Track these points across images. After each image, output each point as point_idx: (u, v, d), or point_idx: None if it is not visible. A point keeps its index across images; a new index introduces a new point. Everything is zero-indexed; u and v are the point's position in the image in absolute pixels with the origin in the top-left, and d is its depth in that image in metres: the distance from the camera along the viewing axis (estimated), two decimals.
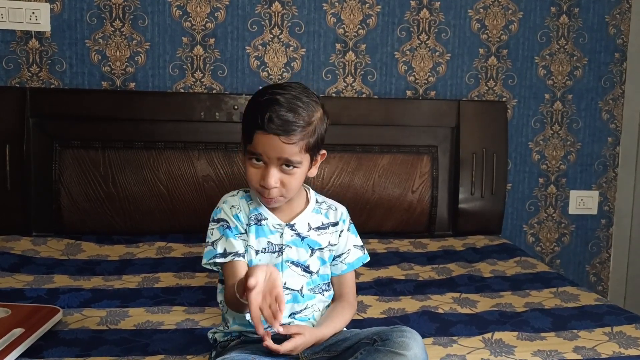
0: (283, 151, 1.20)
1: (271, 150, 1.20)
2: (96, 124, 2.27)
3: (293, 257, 1.30)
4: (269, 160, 1.21)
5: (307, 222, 1.33)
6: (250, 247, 1.28)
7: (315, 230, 1.33)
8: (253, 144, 1.21)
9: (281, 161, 1.21)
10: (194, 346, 1.41)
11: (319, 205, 1.36)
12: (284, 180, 1.23)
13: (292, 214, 1.32)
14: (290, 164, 1.22)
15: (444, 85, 2.53)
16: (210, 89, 2.39)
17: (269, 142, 1.19)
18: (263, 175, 1.22)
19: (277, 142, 1.19)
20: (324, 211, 1.36)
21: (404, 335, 1.17)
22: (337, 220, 1.37)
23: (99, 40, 2.32)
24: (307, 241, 1.32)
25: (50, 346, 1.37)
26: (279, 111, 1.19)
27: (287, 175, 1.23)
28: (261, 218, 1.29)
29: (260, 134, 1.19)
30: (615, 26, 2.59)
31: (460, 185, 2.46)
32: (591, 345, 1.46)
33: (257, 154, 1.21)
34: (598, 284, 2.73)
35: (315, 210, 1.35)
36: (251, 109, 1.23)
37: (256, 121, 1.19)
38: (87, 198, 2.23)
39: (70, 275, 1.86)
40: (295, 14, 2.41)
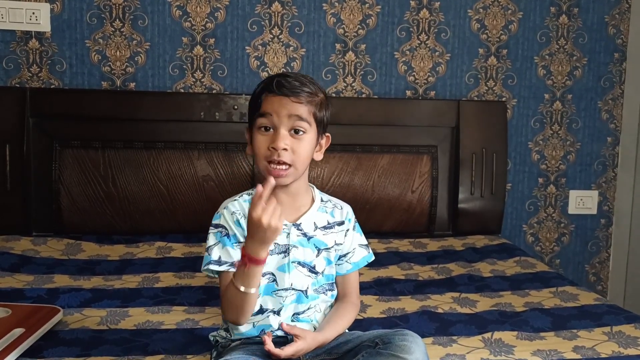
0: (293, 108, 1.23)
1: (281, 107, 1.23)
2: (96, 124, 2.28)
3: (299, 258, 1.29)
4: (279, 120, 1.23)
5: (313, 222, 1.32)
6: None
7: (322, 229, 1.33)
8: (262, 107, 1.24)
9: (291, 121, 1.23)
10: (194, 346, 1.41)
11: (325, 204, 1.36)
12: (293, 146, 1.24)
13: (298, 214, 1.31)
14: (299, 128, 1.24)
15: (444, 85, 2.53)
16: (210, 89, 2.40)
17: (279, 101, 1.23)
18: (273, 139, 1.23)
19: (287, 101, 1.23)
20: (330, 210, 1.36)
21: (406, 339, 1.17)
22: (343, 219, 1.36)
23: (99, 41, 2.32)
24: (313, 241, 1.31)
25: (50, 346, 1.37)
26: (287, 78, 1.26)
27: (296, 141, 1.24)
28: None
29: (269, 96, 1.24)
30: (615, 26, 2.60)
31: (460, 185, 2.46)
32: (591, 344, 1.46)
33: (267, 113, 1.23)
34: (597, 284, 2.73)
35: (320, 209, 1.34)
36: (259, 85, 1.29)
37: (265, 87, 1.25)
38: (87, 198, 2.24)
39: (71, 275, 1.86)
40: (295, 14, 2.41)
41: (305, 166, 1.28)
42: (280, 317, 1.28)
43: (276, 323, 1.28)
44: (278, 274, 1.28)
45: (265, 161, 1.24)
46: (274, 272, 1.28)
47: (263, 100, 1.25)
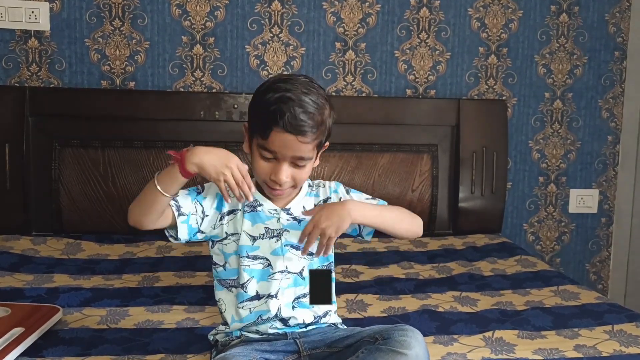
0: (298, 150, 1.22)
1: (287, 148, 1.21)
2: (96, 123, 2.27)
3: (292, 241, 1.30)
4: (282, 157, 1.22)
5: (302, 205, 1.33)
6: (246, 234, 1.28)
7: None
8: (268, 141, 1.21)
9: (293, 158, 1.23)
10: (194, 345, 1.40)
11: (312, 188, 1.37)
12: (295, 175, 1.25)
13: (288, 199, 1.32)
14: (301, 164, 1.24)
15: (444, 84, 2.52)
16: (210, 88, 2.39)
17: (285, 141, 1.20)
18: (274, 171, 1.23)
19: (294, 141, 1.20)
20: (315, 191, 1.37)
21: (405, 334, 1.16)
22: (328, 195, 1.36)
23: (98, 40, 2.32)
24: (304, 224, 1.29)
25: (50, 345, 1.37)
26: (295, 111, 1.20)
27: (298, 170, 1.25)
28: (256, 205, 1.30)
29: (277, 132, 1.20)
30: (615, 24, 2.59)
31: (461, 184, 2.46)
32: (592, 343, 1.46)
33: (272, 151, 1.22)
34: (598, 283, 2.73)
35: (308, 193, 1.36)
36: (265, 104, 1.22)
37: (273, 119, 1.20)
38: (86, 197, 2.23)
39: (70, 275, 1.85)
40: (295, 12, 2.40)
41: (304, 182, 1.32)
42: (279, 300, 1.28)
43: (275, 307, 1.28)
44: (272, 257, 1.29)
45: (263, 182, 1.26)
46: (267, 257, 1.29)
47: (270, 134, 1.20)
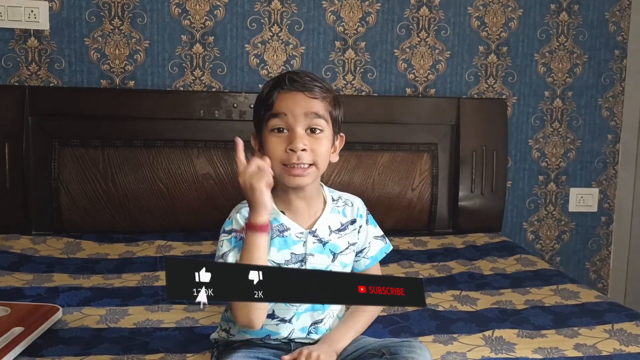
0: (308, 105, 1.17)
1: (296, 105, 1.16)
2: (95, 122, 2.27)
3: (316, 265, 1.23)
4: (295, 119, 1.17)
5: (328, 225, 1.26)
6: (272, 262, 1.20)
7: (336, 232, 1.27)
8: (275, 106, 1.17)
9: (308, 119, 1.17)
10: (193, 345, 1.40)
11: (336, 204, 1.30)
12: (312, 145, 1.17)
13: (312, 218, 1.25)
14: (317, 127, 1.18)
15: (444, 83, 2.52)
16: (209, 87, 2.39)
17: (293, 99, 1.17)
18: (289, 140, 1.17)
19: (302, 96, 1.17)
20: (341, 209, 1.30)
21: (413, 351, 1.15)
22: (355, 217, 1.31)
23: (98, 39, 2.32)
24: (328, 246, 1.25)
25: (49, 345, 1.37)
26: (297, 74, 1.20)
27: (314, 140, 1.18)
28: (283, 229, 1.21)
29: (282, 93, 1.17)
30: (615, 23, 2.59)
31: (460, 182, 2.46)
32: (592, 342, 1.46)
33: (281, 113, 1.17)
34: (598, 282, 2.73)
35: (333, 210, 1.28)
36: (267, 85, 1.22)
37: (276, 84, 1.18)
38: (86, 196, 2.23)
39: (70, 274, 1.85)
40: (295, 11, 2.40)
41: (326, 165, 1.22)
42: (292, 325, 1.24)
43: (287, 331, 1.24)
44: None
45: (281, 164, 1.18)
46: None
47: (275, 99, 1.17)
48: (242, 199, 1.26)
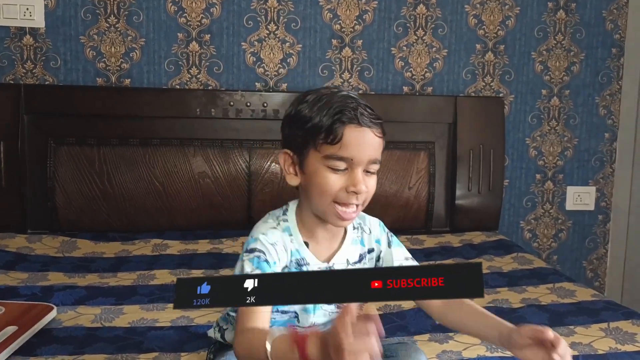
0: (374, 147, 1.07)
1: (364, 146, 1.05)
2: (91, 120, 2.26)
3: None
4: (358, 162, 1.06)
5: (346, 258, 1.17)
6: None
7: (353, 265, 1.18)
8: (342, 144, 1.04)
9: (369, 162, 1.07)
10: (188, 344, 1.40)
11: (356, 233, 1.20)
12: (367, 184, 1.08)
13: (331, 250, 1.15)
14: (375, 164, 1.09)
15: (441, 81, 2.52)
16: (206, 85, 2.38)
17: (362, 137, 1.05)
18: (351, 181, 1.06)
19: (370, 136, 1.06)
20: (360, 238, 1.21)
21: (408, 354, 1.14)
22: (372, 246, 1.22)
23: (93, 37, 2.31)
24: None
25: (43, 344, 1.36)
26: (360, 102, 1.08)
27: (368, 179, 1.09)
28: (303, 263, 1.12)
29: (351, 128, 1.04)
30: (613, 21, 2.59)
31: (458, 181, 2.45)
32: (587, 341, 1.45)
33: (345, 157, 1.05)
34: (595, 280, 2.73)
35: (353, 240, 1.19)
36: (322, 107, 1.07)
37: (344, 115, 1.05)
38: (82, 195, 2.22)
39: (65, 273, 1.85)
40: (291, 9, 2.39)
41: None
42: None
43: None
44: (302, 313, 1.15)
45: (333, 202, 1.07)
46: (297, 311, 1.14)
47: (341, 134, 1.04)
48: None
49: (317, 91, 1.12)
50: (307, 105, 1.09)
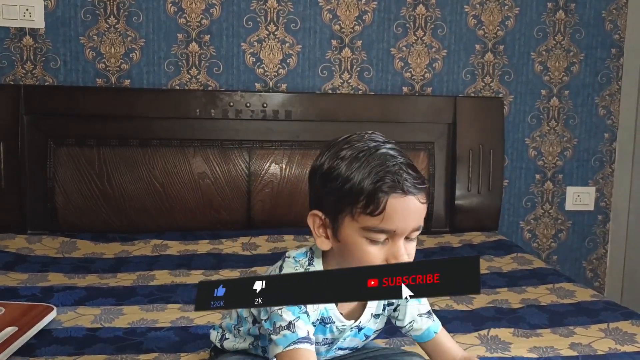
0: (419, 216, 0.97)
1: (408, 218, 0.95)
2: (91, 121, 2.26)
3: (344, 345, 1.12)
4: (401, 233, 0.96)
5: (371, 313, 1.10)
6: None
7: (375, 317, 1.12)
8: (384, 216, 0.94)
9: (412, 231, 0.97)
10: (187, 344, 1.40)
11: None
12: (409, 251, 0.99)
13: (359, 307, 1.08)
14: (418, 230, 0.99)
15: (441, 82, 2.52)
16: (205, 85, 2.38)
17: (407, 208, 0.95)
18: (393, 253, 0.96)
19: (415, 204, 0.96)
20: None
21: None
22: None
23: (93, 37, 2.31)
24: (364, 331, 1.12)
25: (43, 345, 1.36)
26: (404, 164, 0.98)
27: (409, 245, 0.99)
28: (329, 322, 1.05)
29: (395, 197, 0.94)
30: (612, 21, 2.59)
31: (457, 181, 2.45)
32: (587, 341, 1.45)
33: (390, 231, 0.95)
34: (595, 280, 2.73)
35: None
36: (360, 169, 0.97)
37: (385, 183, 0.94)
38: (82, 196, 2.22)
39: (65, 274, 1.85)
40: (291, 10, 2.39)
41: None
42: None
43: None
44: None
45: None
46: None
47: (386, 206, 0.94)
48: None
49: (353, 145, 1.01)
50: (343, 162, 0.98)
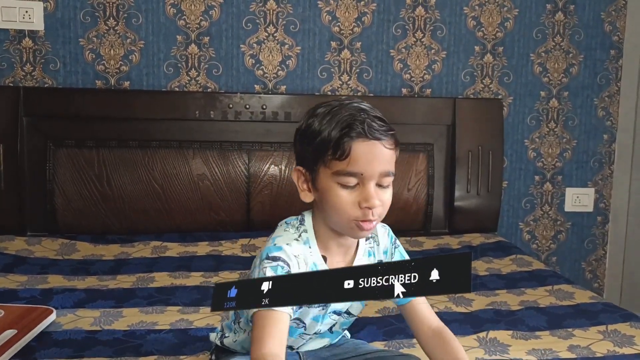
0: (385, 160, 1.04)
1: (374, 161, 1.02)
2: (90, 123, 2.27)
3: (337, 308, 1.16)
4: (369, 177, 1.03)
5: None
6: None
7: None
8: (350, 159, 1.02)
9: (381, 176, 1.04)
10: (187, 347, 1.40)
11: (368, 243, 1.19)
12: (381, 198, 1.05)
13: (345, 263, 1.14)
14: (388, 176, 1.05)
15: (440, 83, 2.52)
16: (205, 87, 2.39)
17: (372, 152, 1.02)
18: (363, 197, 1.03)
19: (380, 149, 1.03)
20: (372, 249, 1.19)
21: None
22: (380, 257, 1.20)
23: (92, 39, 2.31)
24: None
25: (43, 347, 1.36)
26: (370, 113, 1.05)
27: (382, 192, 1.05)
28: None
29: (359, 143, 1.02)
30: (611, 23, 2.59)
31: (456, 183, 2.45)
32: (586, 343, 1.46)
33: (355, 173, 1.02)
34: (594, 281, 2.73)
35: (367, 252, 1.18)
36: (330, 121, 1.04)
37: (352, 129, 1.02)
38: (81, 197, 2.23)
39: (65, 276, 1.85)
40: (290, 11, 2.40)
41: None
42: (297, 349, 1.19)
43: (292, 356, 1.17)
44: (310, 322, 1.14)
45: (352, 220, 1.04)
46: (305, 321, 1.14)
47: (349, 149, 1.01)
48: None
49: (328, 104, 1.09)
50: (317, 118, 1.06)
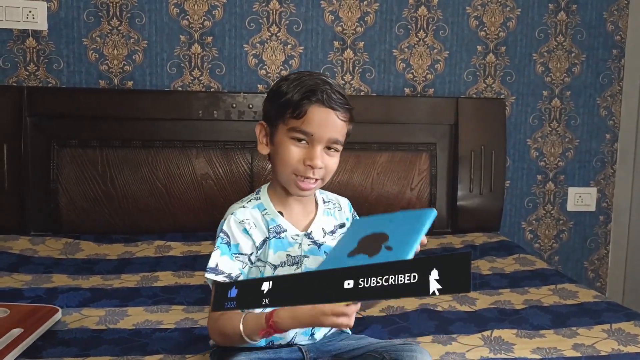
0: (336, 129, 1.17)
1: (326, 127, 1.16)
2: (94, 123, 2.27)
3: (311, 267, 1.23)
4: (318, 139, 1.16)
5: (322, 228, 1.27)
6: (268, 264, 1.21)
7: (329, 234, 1.28)
8: (305, 120, 1.15)
9: (329, 142, 1.17)
10: (192, 345, 1.40)
11: (327, 206, 1.32)
12: (326, 162, 1.19)
13: (307, 220, 1.27)
14: (336, 144, 1.18)
15: (442, 83, 2.52)
16: (208, 87, 2.39)
17: (325, 118, 1.15)
18: (309, 155, 1.17)
19: (333, 118, 1.16)
20: (332, 211, 1.32)
21: (414, 357, 1.15)
22: (343, 220, 1.33)
23: (96, 39, 2.32)
24: (323, 248, 1.26)
25: (49, 346, 1.37)
26: (333, 87, 1.17)
27: (328, 158, 1.19)
28: (280, 230, 1.22)
29: (316, 108, 1.15)
30: (614, 22, 2.59)
31: (459, 182, 2.46)
32: (590, 342, 1.46)
33: (308, 133, 1.16)
34: (596, 281, 2.74)
35: (326, 212, 1.30)
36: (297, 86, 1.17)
37: (311, 94, 1.15)
38: (85, 197, 2.23)
39: (69, 275, 1.85)
40: (293, 11, 2.40)
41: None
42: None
43: (290, 335, 1.21)
44: None
45: (293, 173, 1.18)
46: None
47: (306, 110, 1.15)
48: (239, 198, 1.25)
49: (300, 72, 1.22)
50: (287, 82, 1.20)
